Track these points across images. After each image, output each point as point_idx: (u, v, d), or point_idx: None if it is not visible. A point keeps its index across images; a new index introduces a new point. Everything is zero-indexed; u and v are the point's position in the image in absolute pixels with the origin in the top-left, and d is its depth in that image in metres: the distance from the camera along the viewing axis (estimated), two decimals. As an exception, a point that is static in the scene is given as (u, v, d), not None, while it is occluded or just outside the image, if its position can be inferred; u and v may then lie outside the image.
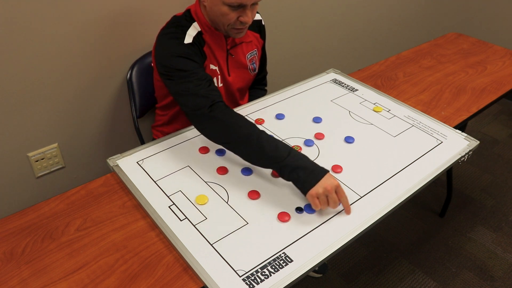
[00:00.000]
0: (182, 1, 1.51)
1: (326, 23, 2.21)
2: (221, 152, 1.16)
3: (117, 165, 1.11)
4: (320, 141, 1.23)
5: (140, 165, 1.11)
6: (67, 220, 0.97)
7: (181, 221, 0.96)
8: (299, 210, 0.99)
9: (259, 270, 0.85)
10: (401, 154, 1.19)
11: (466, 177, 2.27)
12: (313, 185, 0.97)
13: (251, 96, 1.55)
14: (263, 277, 0.84)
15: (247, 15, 1.16)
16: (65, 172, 1.59)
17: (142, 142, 1.53)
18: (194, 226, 0.95)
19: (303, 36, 2.14)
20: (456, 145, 1.23)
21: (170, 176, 1.08)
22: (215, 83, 1.31)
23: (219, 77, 1.33)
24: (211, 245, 0.90)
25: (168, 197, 1.02)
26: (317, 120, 1.31)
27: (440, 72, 1.67)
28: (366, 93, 1.47)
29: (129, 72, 1.48)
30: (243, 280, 0.83)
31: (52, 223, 0.96)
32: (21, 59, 1.29)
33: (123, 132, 1.67)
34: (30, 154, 1.46)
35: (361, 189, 1.06)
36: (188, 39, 1.20)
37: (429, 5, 2.82)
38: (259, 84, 1.59)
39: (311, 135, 1.25)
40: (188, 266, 0.87)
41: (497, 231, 1.96)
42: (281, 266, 0.86)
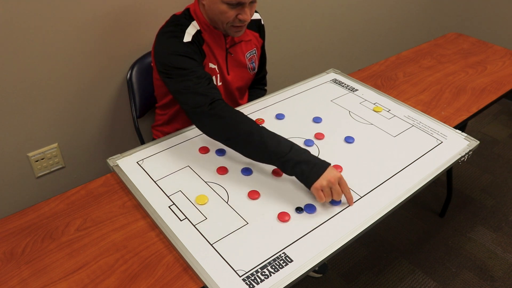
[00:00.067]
0: (182, 1, 1.51)
1: (326, 23, 2.21)
2: (221, 152, 1.16)
3: (117, 165, 1.11)
4: (320, 141, 1.23)
5: (140, 165, 1.11)
6: (67, 220, 0.97)
7: (181, 221, 0.96)
8: (299, 210, 0.99)
9: (259, 270, 0.85)
10: (401, 154, 1.19)
11: (466, 177, 2.27)
12: (317, 178, 0.98)
13: (251, 96, 1.55)
14: (263, 277, 0.84)
15: (245, 13, 1.16)
16: (65, 172, 1.59)
17: (142, 142, 1.53)
18: (194, 226, 0.95)
19: (303, 36, 2.14)
20: (456, 145, 1.23)
21: (170, 176, 1.08)
22: (214, 82, 1.31)
23: (218, 75, 1.33)
24: (211, 245, 0.90)
25: (168, 197, 1.02)
26: (317, 120, 1.31)
27: (440, 72, 1.67)
28: (366, 93, 1.47)
29: (129, 72, 1.48)
30: (243, 280, 0.83)
31: (52, 223, 0.96)
32: (21, 59, 1.29)
33: (123, 132, 1.67)
34: (30, 154, 1.46)
35: (361, 189, 1.06)
36: (187, 38, 1.20)
37: (429, 5, 2.82)
38: (258, 84, 1.59)
39: (311, 135, 1.25)
40: (188, 266, 0.87)
41: (497, 231, 1.96)
42: (281, 266, 0.86)
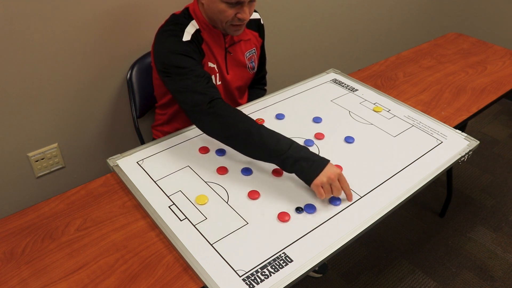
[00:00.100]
0: (182, 1, 1.51)
1: (326, 23, 2.21)
2: (221, 152, 1.16)
3: (117, 165, 1.11)
4: (320, 141, 1.23)
5: (140, 165, 1.11)
6: (67, 220, 0.97)
7: (181, 221, 0.96)
8: (299, 210, 0.99)
9: (259, 270, 0.85)
10: (401, 154, 1.19)
11: (466, 177, 2.27)
12: (317, 175, 0.98)
13: (251, 96, 1.55)
14: (263, 277, 0.84)
15: (244, 11, 1.16)
16: (65, 172, 1.59)
17: (142, 142, 1.53)
18: (194, 226, 0.95)
19: (303, 36, 2.14)
20: (456, 145, 1.23)
21: (170, 176, 1.08)
22: (213, 81, 1.32)
23: (218, 75, 1.33)
24: (211, 245, 0.90)
25: (168, 197, 1.02)
26: (317, 120, 1.31)
27: (440, 72, 1.67)
28: (366, 93, 1.47)
29: (129, 72, 1.48)
30: (243, 280, 0.83)
31: (52, 223, 0.96)
32: (21, 59, 1.29)
33: (123, 132, 1.67)
34: (30, 154, 1.46)
35: (361, 189, 1.06)
36: (186, 37, 1.20)
37: (429, 5, 2.82)
38: (258, 83, 1.59)
39: (311, 135, 1.25)
40: (188, 266, 0.87)
41: (497, 231, 1.96)
42: (281, 266, 0.86)
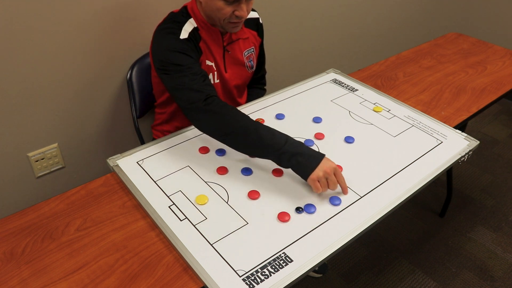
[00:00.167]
0: (182, 1, 1.51)
1: (326, 23, 2.21)
2: (221, 152, 1.16)
3: (117, 165, 1.11)
4: (320, 141, 1.23)
5: (140, 165, 1.11)
6: (67, 220, 0.97)
7: (181, 221, 0.96)
8: (299, 210, 0.99)
9: (259, 270, 0.85)
10: (401, 154, 1.19)
11: (466, 177, 2.27)
12: (314, 169, 0.99)
13: (251, 95, 1.56)
14: (263, 277, 0.84)
15: (242, 9, 1.17)
16: (65, 172, 1.59)
17: (142, 142, 1.53)
18: (194, 226, 0.95)
19: (303, 36, 2.14)
20: (456, 145, 1.23)
21: (170, 176, 1.08)
22: (211, 79, 1.32)
23: (216, 73, 1.33)
24: (211, 245, 0.90)
25: (168, 197, 1.02)
26: (317, 120, 1.31)
27: (440, 72, 1.67)
28: (366, 93, 1.47)
29: (129, 72, 1.48)
30: (243, 280, 0.83)
31: (52, 223, 0.96)
32: (21, 59, 1.29)
33: (123, 132, 1.67)
34: (30, 154, 1.46)
35: (361, 189, 1.06)
36: (184, 35, 1.20)
37: (429, 5, 2.82)
38: (258, 83, 1.59)
39: (311, 135, 1.25)
40: (188, 266, 0.87)
41: (497, 231, 1.96)
42: (281, 266, 0.86)
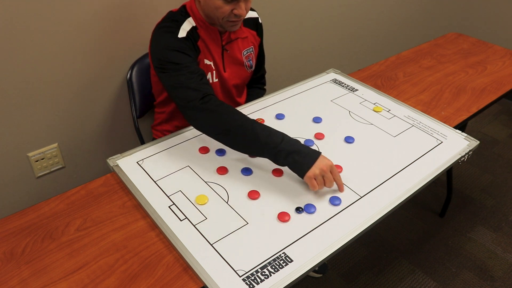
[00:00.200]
0: (182, 1, 1.51)
1: (326, 23, 2.21)
2: (221, 152, 1.16)
3: (117, 165, 1.11)
4: (320, 141, 1.23)
5: (140, 165, 1.11)
6: (67, 220, 0.97)
7: (181, 221, 0.96)
8: (299, 210, 0.99)
9: (259, 270, 0.85)
10: (401, 154, 1.19)
11: (466, 177, 2.27)
12: (310, 167, 1.00)
13: (250, 95, 1.56)
14: (263, 277, 0.84)
15: (240, 7, 1.17)
16: (65, 172, 1.59)
17: (142, 142, 1.53)
18: (194, 226, 0.95)
19: (303, 35, 2.14)
20: (456, 145, 1.23)
21: (170, 176, 1.08)
22: (209, 78, 1.32)
23: (214, 72, 1.33)
24: (211, 245, 0.90)
25: (168, 197, 1.02)
26: (317, 120, 1.31)
27: (440, 72, 1.67)
28: (366, 93, 1.47)
29: (129, 72, 1.48)
30: (243, 280, 0.83)
31: (52, 223, 0.96)
32: (21, 59, 1.29)
33: (123, 132, 1.67)
34: (30, 154, 1.46)
35: (361, 189, 1.06)
36: (182, 33, 1.21)
37: (429, 5, 2.82)
38: (257, 83, 1.59)
39: (311, 135, 1.25)
40: (188, 266, 0.87)
41: (497, 231, 1.96)
42: (281, 266, 0.86)
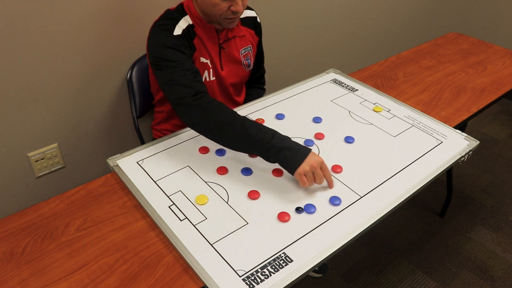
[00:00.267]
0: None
1: (326, 23, 2.21)
2: (221, 152, 1.16)
3: (117, 165, 1.11)
4: (320, 141, 1.23)
5: (140, 165, 1.11)
6: (67, 220, 0.97)
7: (181, 221, 0.96)
8: (299, 210, 0.99)
9: (259, 270, 0.85)
10: (401, 154, 1.19)
11: (466, 177, 2.27)
12: (300, 164, 1.00)
13: (250, 95, 1.56)
14: (263, 277, 0.84)
15: (237, 4, 1.17)
16: (65, 172, 1.59)
17: (142, 142, 1.53)
18: (194, 226, 0.95)
19: (302, 36, 2.14)
20: (456, 145, 1.23)
21: (170, 176, 1.08)
22: (206, 77, 1.32)
23: (211, 70, 1.33)
24: (211, 245, 0.90)
25: (168, 197, 1.02)
26: (317, 120, 1.31)
27: (440, 72, 1.67)
28: (366, 93, 1.47)
29: (129, 72, 1.48)
30: (243, 280, 0.83)
31: (52, 223, 0.96)
32: (21, 59, 1.29)
33: (123, 132, 1.67)
34: (30, 154, 1.46)
35: (361, 189, 1.06)
36: (177, 31, 1.21)
37: (429, 5, 2.82)
38: (257, 82, 1.59)
39: (311, 135, 1.25)
40: (188, 266, 0.87)
41: (497, 231, 1.96)
42: (281, 266, 0.86)
